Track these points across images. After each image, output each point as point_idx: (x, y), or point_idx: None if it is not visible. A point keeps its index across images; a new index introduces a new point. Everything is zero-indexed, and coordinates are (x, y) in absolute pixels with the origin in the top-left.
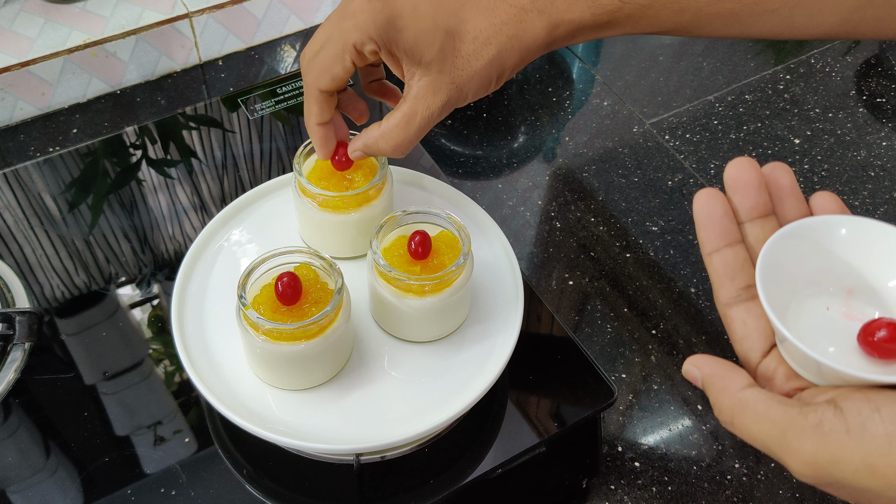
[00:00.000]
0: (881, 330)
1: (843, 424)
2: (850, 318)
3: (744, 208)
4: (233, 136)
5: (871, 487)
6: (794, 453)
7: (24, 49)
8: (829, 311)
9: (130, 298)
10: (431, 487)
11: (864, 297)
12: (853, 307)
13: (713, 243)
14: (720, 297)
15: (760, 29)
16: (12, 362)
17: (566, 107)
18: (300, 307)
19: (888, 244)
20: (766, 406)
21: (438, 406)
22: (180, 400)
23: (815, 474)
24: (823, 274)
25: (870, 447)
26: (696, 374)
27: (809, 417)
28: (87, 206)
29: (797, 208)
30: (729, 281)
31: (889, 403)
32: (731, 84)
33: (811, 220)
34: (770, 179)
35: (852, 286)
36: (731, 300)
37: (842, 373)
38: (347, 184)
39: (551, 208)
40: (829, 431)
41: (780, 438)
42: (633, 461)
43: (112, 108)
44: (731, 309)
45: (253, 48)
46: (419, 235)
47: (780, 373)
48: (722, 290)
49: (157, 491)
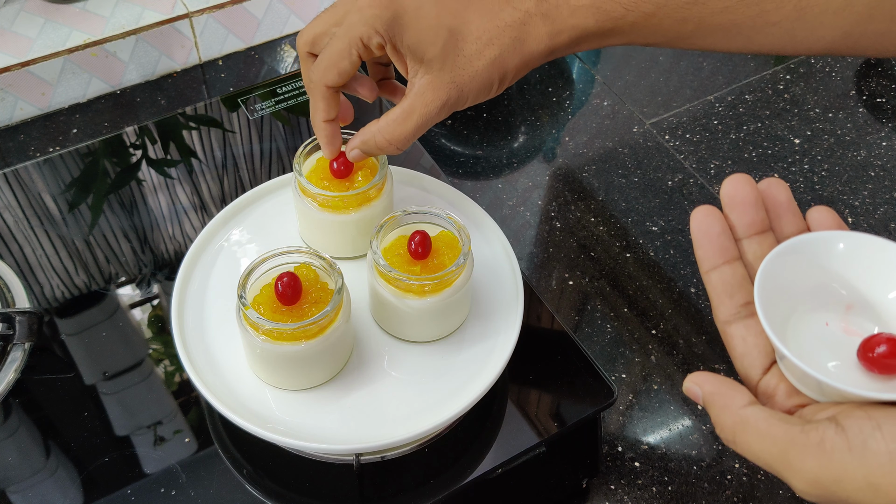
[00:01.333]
0: (881, 345)
1: (845, 442)
2: (849, 333)
3: (741, 225)
4: (233, 136)
5: None
6: (797, 472)
7: (24, 49)
8: (828, 326)
9: (130, 298)
10: (431, 487)
11: (862, 312)
12: (852, 322)
13: (711, 261)
14: (719, 315)
15: (762, 42)
16: (12, 362)
17: (566, 107)
18: (300, 307)
19: (886, 259)
20: (768, 424)
21: (438, 406)
22: (180, 400)
23: (817, 493)
24: (822, 289)
25: (872, 465)
26: (698, 392)
27: (811, 435)
28: (87, 206)
29: (794, 224)
30: (728, 298)
31: (890, 421)
32: (731, 84)
33: (809, 237)
34: (766, 195)
35: (851, 301)
36: (730, 318)
37: (842, 391)
38: (347, 184)
39: (551, 208)
40: (830, 450)
41: (782, 457)
42: (633, 461)
43: (112, 108)
44: (731, 326)
45: (253, 48)
46: (419, 235)
47: (781, 390)
48: (721, 307)
49: (157, 491)
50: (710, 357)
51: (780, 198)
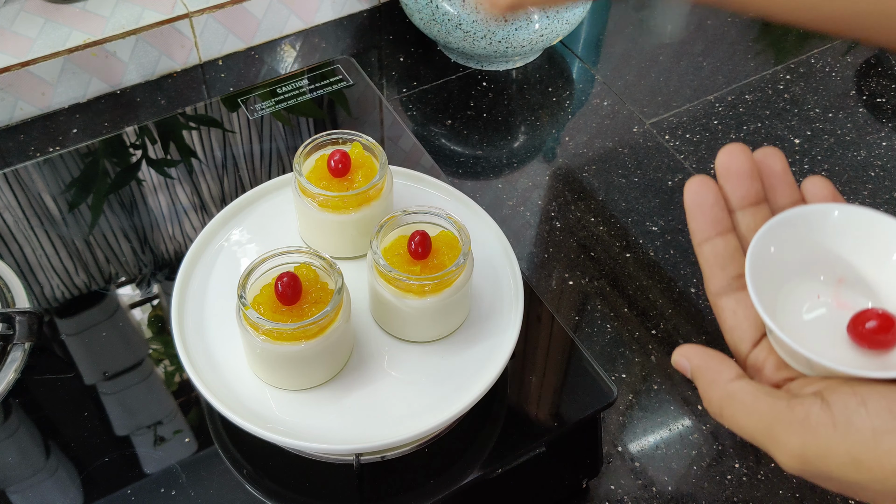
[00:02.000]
0: (870, 321)
1: (830, 419)
2: (840, 306)
3: (735, 197)
4: (233, 136)
5: (857, 480)
6: (782, 446)
7: (24, 49)
8: (819, 299)
9: (130, 298)
10: (431, 487)
11: (855, 286)
12: (844, 296)
13: (704, 233)
14: (711, 287)
15: None
16: (12, 362)
17: (566, 107)
18: (300, 307)
19: (879, 232)
20: (755, 398)
21: (438, 406)
22: (180, 400)
23: (802, 467)
24: (815, 262)
25: (855, 441)
26: (686, 365)
27: (796, 411)
28: (87, 206)
29: (789, 195)
30: (720, 270)
31: (875, 397)
32: (731, 84)
33: (803, 209)
34: (762, 166)
35: (843, 275)
36: (721, 290)
37: (830, 368)
38: (347, 184)
39: (551, 208)
40: (815, 426)
41: (768, 431)
42: (633, 461)
43: (112, 108)
44: (722, 299)
45: (253, 48)
46: (419, 235)
47: (770, 363)
48: (713, 279)
49: (157, 491)
50: None
51: (776, 168)
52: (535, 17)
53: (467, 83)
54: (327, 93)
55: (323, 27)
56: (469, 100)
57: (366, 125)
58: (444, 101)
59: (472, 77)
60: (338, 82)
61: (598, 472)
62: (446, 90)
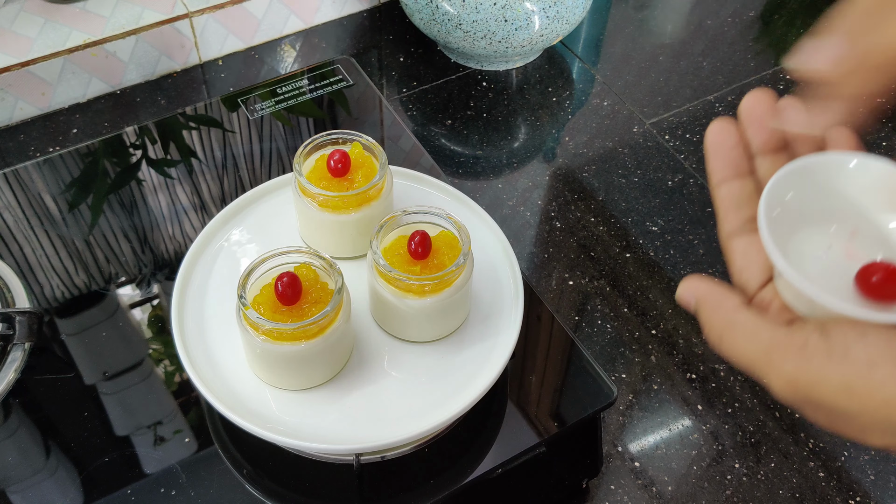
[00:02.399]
0: (878, 273)
1: (827, 348)
2: (851, 257)
3: (756, 142)
4: (233, 136)
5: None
6: (776, 372)
7: (24, 49)
8: (830, 249)
9: (130, 298)
10: (431, 487)
11: (867, 238)
12: (856, 247)
13: (721, 173)
14: (723, 228)
15: None
16: (12, 362)
17: (566, 107)
18: (300, 307)
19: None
20: (755, 326)
21: (438, 406)
22: (180, 400)
23: (793, 394)
24: (829, 212)
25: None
26: (691, 299)
27: (795, 337)
28: (87, 206)
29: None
30: (734, 212)
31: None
32: (731, 84)
33: (821, 157)
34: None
35: (857, 226)
36: (733, 231)
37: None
38: (347, 184)
39: (551, 208)
40: (811, 353)
41: (765, 357)
42: (633, 461)
43: (112, 108)
44: (733, 240)
45: (253, 48)
46: (419, 235)
47: (775, 305)
48: (726, 220)
49: (157, 491)
50: (710, 357)
51: None
52: (535, 17)
53: (467, 83)
54: (327, 93)
55: (323, 27)
56: (469, 100)
57: (366, 125)
58: (444, 101)
59: (472, 77)
60: (338, 82)
61: (598, 472)
62: (446, 90)
